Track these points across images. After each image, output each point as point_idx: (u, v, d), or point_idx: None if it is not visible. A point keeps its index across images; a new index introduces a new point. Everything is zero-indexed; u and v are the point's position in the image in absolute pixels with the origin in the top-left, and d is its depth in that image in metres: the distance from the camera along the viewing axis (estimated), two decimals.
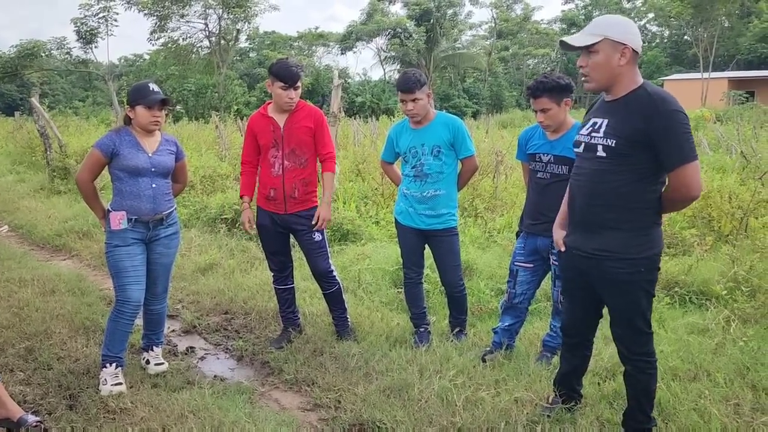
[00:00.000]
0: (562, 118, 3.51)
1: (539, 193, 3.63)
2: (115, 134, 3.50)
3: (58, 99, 50.00)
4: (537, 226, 3.64)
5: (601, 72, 2.54)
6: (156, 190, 3.51)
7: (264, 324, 4.53)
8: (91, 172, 3.51)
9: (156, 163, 3.51)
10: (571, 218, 2.83)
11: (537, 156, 3.62)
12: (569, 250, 2.82)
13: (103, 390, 3.39)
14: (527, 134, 3.77)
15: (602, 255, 2.63)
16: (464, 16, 54.96)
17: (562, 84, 3.46)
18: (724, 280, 4.78)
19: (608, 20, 2.57)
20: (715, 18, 43.30)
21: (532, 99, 3.52)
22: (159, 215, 3.54)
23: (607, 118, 2.60)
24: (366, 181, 9.23)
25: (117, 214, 3.44)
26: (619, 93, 2.57)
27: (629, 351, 2.75)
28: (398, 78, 3.93)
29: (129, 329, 3.54)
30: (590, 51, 2.53)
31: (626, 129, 2.50)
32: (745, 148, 11.54)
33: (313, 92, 41.76)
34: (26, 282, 5.36)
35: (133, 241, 3.48)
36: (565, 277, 2.98)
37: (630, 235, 2.58)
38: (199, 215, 7.79)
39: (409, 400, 3.24)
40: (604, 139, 2.57)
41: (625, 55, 2.51)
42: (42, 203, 9.36)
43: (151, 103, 3.44)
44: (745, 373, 3.50)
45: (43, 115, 11.10)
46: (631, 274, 2.60)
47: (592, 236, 2.67)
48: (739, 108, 33.12)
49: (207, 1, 39.61)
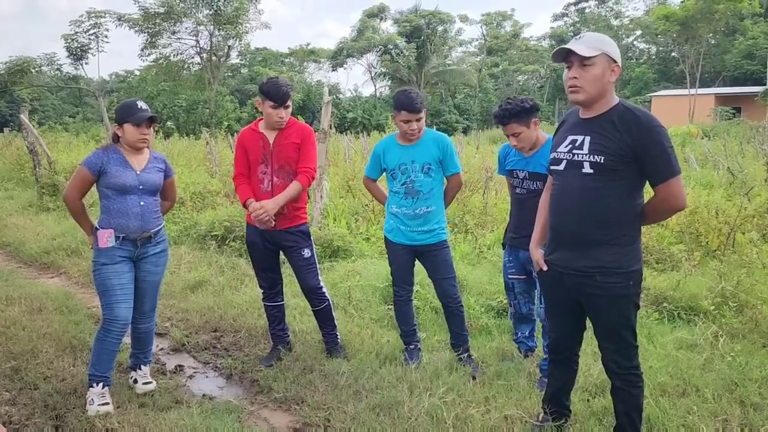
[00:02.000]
0: (534, 138, 3.60)
1: (519, 208, 3.73)
2: (102, 152, 3.49)
3: (48, 115, 49.81)
4: (518, 240, 3.70)
5: (594, 85, 2.57)
6: (144, 208, 3.50)
7: (254, 342, 4.50)
8: (78, 189, 3.50)
9: (144, 181, 3.51)
10: (554, 236, 2.83)
11: (514, 172, 3.71)
12: (554, 268, 2.82)
13: (90, 410, 3.36)
14: (505, 150, 3.87)
15: (595, 271, 2.64)
16: (454, 33, 55.72)
17: (527, 107, 3.54)
18: (712, 296, 4.81)
19: (603, 37, 2.63)
20: (701, 35, 43.89)
21: (501, 126, 3.59)
22: (147, 233, 3.53)
23: (588, 135, 2.62)
24: (356, 197, 9.24)
25: (105, 232, 3.43)
26: (599, 109, 2.62)
27: (618, 366, 2.75)
28: (401, 98, 3.83)
29: (116, 348, 3.51)
30: (586, 64, 2.56)
31: (614, 145, 2.53)
32: (732, 163, 11.67)
33: (304, 108, 41.88)
34: (13, 300, 5.31)
35: (121, 259, 3.47)
36: (549, 296, 2.99)
37: (622, 249, 2.62)
38: (189, 232, 7.76)
39: (399, 418, 3.22)
40: (590, 155, 2.58)
41: (614, 73, 2.58)
42: (30, 220, 9.30)
43: (139, 120, 3.44)
44: (734, 388, 3.51)
45: (32, 131, 11.07)
46: (623, 288, 2.63)
47: (582, 253, 2.67)
48: (726, 124, 33.53)
49: (198, 18, 39.79)
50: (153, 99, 36.11)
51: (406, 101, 3.80)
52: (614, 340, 2.73)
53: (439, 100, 53.15)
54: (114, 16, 39.22)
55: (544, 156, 3.51)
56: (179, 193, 9.21)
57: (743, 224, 6.43)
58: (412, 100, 3.79)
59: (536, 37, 67.29)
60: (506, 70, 58.85)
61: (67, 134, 23.79)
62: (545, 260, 2.88)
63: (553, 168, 2.78)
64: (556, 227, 2.80)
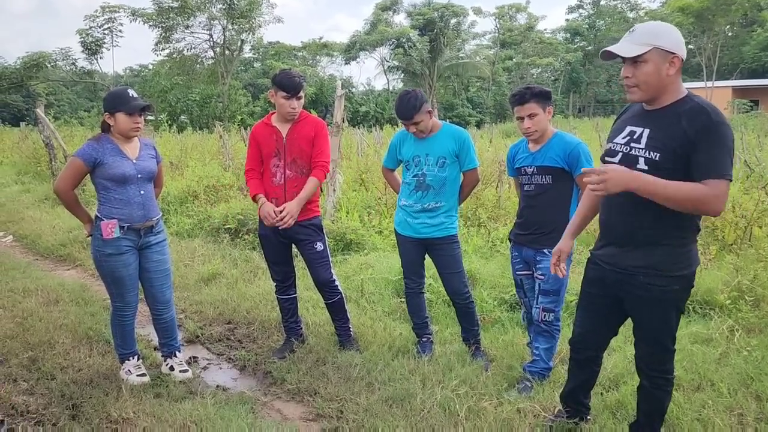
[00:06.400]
0: (546, 126, 3.52)
1: (528, 206, 3.63)
2: (95, 143, 3.49)
3: (64, 109, 50.25)
4: (524, 237, 3.64)
5: (650, 82, 2.41)
6: (144, 197, 3.55)
7: (267, 334, 4.53)
8: (71, 181, 3.50)
9: (141, 169, 3.54)
10: (603, 232, 2.71)
11: (522, 169, 3.63)
12: (599, 264, 2.71)
13: (130, 380, 3.60)
14: (514, 150, 3.79)
15: (641, 271, 2.52)
16: (468, 26, 55.31)
17: (546, 90, 3.51)
18: (728, 290, 4.76)
19: (656, 28, 2.43)
20: (718, 27, 43.35)
21: (518, 106, 3.48)
22: (149, 221, 3.58)
23: (648, 128, 2.46)
24: (369, 190, 9.23)
25: (108, 222, 3.46)
26: (662, 102, 2.45)
27: (649, 367, 2.67)
28: (395, 106, 3.87)
29: (134, 326, 3.76)
30: (638, 61, 2.40)
31: (671, 140, 2.37)
32: (749, 157, 11.52)
33: (317, 102, 41.92)
34: (30, 292, 5.39)
35: (127, 249, 3.52)
36: (587, 291, 2.84)
37: (672, 252, 2.48)
38: (203, 225, 7.80)
39: (412, 410, 3.23)
40: (646, 151, 2.43)
41: (674, 65, 2.39)
42: (47, 213, 9.40)
43: (132, 109, 3.45)
44: (749, 383, 3.48)
45: (48, 125, 11.17)
46: (667, 292, 2.50)
47: (630, 251, 2.55)
48: (744, 117, 33.12)
49: (211, 12, 39.89)
50: (167, 93, 36.28)
51: (398, 109, 3.82)
52: (651, 342, 2.63)
53: (453, 94, 52.96)
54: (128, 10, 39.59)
55: (551, 149, 3.49)
56: (193, 187, 9.32)
57: (760, 218, 6.34)
58: (403, 108, 3.78)
59: (551, 29, 66.99)
60: (520, 63, 58.47)
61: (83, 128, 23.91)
62: (591, 253, 2.77)
63: (608, 159, 2.59)
64: (606, 223, 2.68)
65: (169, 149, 13.72)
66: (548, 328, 3.56)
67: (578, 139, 3.55)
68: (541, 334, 3.59)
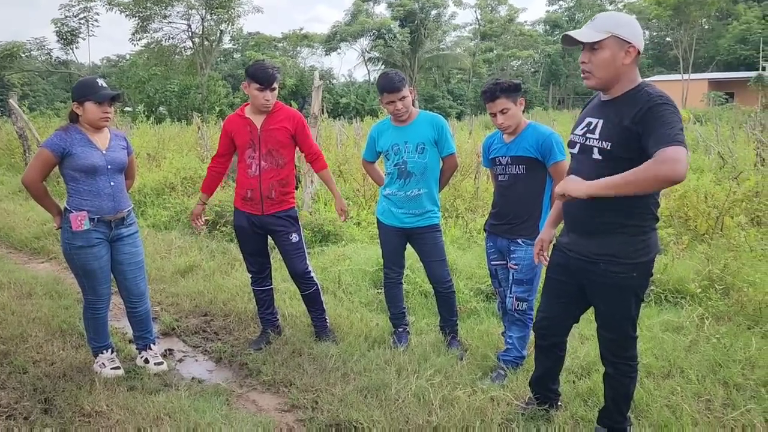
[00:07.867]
0: (519, 118, 3.55)
1: (502, 196, 3.67)
2: (64, 133, 3.43)
3: (39, 100, 49.28)
4: (498, 227, 3.69)
5: (604, 69, 2.46)
6: (114, 188, 3.51)
7: (243, 325, 4.52)
8: (40, 173, 3.45)
9: (111, 160, 3.49)
10: (566, 220, 2.77)
11: (497, 160, 3.66)
12: (563, 250, 2.76)
13: (104, 373, 3.56)
14: (489, 141, 3.82)
15: (600, 258, 2.57)
16: (448, 18, 55.27)
17: (515, 83, 3.53)
18: (699, 279, 4.85)
19: (615, 18, 2.49)
20: (694, 20, 43.82)
21: (489, 103, 3.51)
22: (120, 213, 3.54)
23: (602, 119, 2.53)
24: (348, 182, 9.23)
25: (78, 214, 3.41)
26: (616, 92, 2.51)
27: (613, 354, 2.72)
28: (380, 81, 3.88)
29: (107, 319, 3.73)
30: (595, 48, 2.46)
31: (620, 129, 2.42)
32: (723, 148, 11.69)
33: (296, 93, 41.63)
34: (2, 285, 5.31)
35: (97, 241, 3.48)
36: (551, 277, 2.90)
37: (630, 239, 2.52)
38: (180, 217, 7.74)
39: (386, 400, 3.25)
40: (600, 141, 2.50)
41: (630, 54, 2.44)
42: (20, 206, 9.25)
43: (101, 99, 3.40)
44: (717, 369, 3.55)
45: (22, 116, 11.00)
46: (626, 279, 2.54)
47: (590, 239, 2.60)
48: (719, 109, 33.57)
49: (189, 2, 39.36)
50: (145, 84, 35.79)
51: (386, 82, 3.84)
52: (612, 329, 2.68)
53: (433, 85, 52.96)
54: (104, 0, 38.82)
55: (524, 139, 3.52)
56: (170, 179, 9.23)
57: (732, 208, 6.46)
58: (391, 80, 3.82)
59: (531, 22, 67.12)
60: (501, 55, 58.64)
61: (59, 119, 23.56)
62: (557, 240, 2.83)
63: (570, 151, 2.70)
64: (567, 211, 2.73)
65: (147, 141, 13.53)
66: (521, 317, 3.60)
67: (551, 129, 3.59)
68: (514, 323, 3.63)
